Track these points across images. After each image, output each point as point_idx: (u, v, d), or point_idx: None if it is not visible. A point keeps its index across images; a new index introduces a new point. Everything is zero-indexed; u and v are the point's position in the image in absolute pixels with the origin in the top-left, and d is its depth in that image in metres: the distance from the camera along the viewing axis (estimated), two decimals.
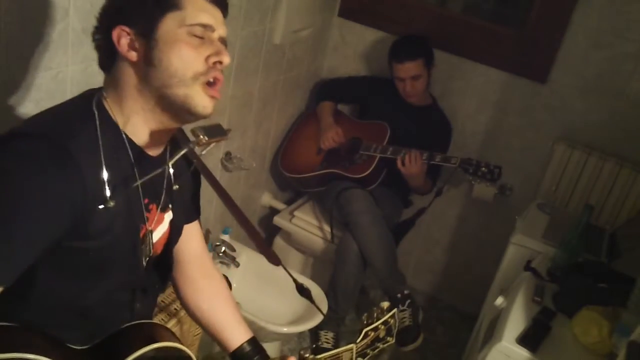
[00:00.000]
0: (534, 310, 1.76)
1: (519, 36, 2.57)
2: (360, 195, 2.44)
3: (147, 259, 1.15)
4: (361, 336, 1.27)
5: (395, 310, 1.33)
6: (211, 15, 1.05)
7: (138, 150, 1.07)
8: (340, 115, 2.77)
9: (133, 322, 1.19)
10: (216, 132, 1.11)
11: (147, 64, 1.01)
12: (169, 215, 1.20)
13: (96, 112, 1.01)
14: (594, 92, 2.47)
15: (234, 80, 2.27)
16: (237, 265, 2.28)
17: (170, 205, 1.20)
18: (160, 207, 1.15)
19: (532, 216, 2.37)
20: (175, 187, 1.19)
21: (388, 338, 1.35)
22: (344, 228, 2.48)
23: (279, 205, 2.88)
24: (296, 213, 2.71)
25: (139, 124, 1.06)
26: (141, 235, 1.12)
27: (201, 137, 1.06)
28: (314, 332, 2.52)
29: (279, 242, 2.79)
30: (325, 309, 2.22)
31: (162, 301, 1.81)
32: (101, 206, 0.99)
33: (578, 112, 2.52)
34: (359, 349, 1.29)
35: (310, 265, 2.83)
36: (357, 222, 2.39)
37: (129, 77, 1.04)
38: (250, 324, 2.07)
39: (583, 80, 2.47)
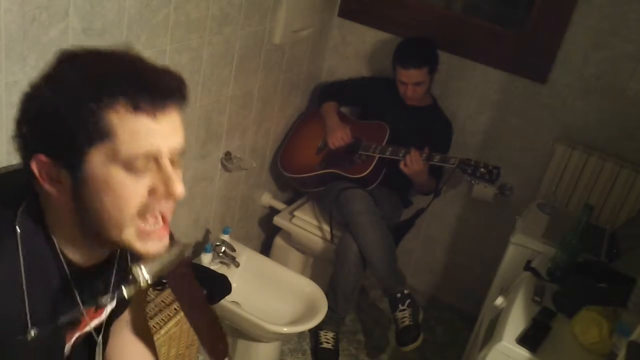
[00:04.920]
0: (534, 310, 1.75)
1: (519, 36, 2.57)
2: (360, 196, 2.44)
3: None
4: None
5: None
6: (156, 135, 0.80)
7: (75, 268, 0.90)
8: (340, 115, 2.77)
9: None
10: (169, 260, 0.89)
11: (76, 203, 0.82)
12: (111, 305, 1.05)
13: (19, 230, 0.84)
14: (594, 92, 2.47)
15: (234, 80, 2.27)
16: (237, 265, 2.28)
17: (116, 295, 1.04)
18: (100, 305, 1.00)
19: (532, 216, 2.37)
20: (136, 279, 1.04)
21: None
22: (344, 228, 2.48)
23: (279, 205, 2.88)
24: (296, 213, 2.71)
25: (77, 247, 0.89)
26: (70, 341, 0.99)
27: (140, 282, 0.85)
28: (314, 332, 2.52)
29: (279, 242, 2.79)
30: (325, 308, 2.22)
31: (162, 301, 1.81)
32: (20, 337, 0.84)
33: (578, 112, 2.52)
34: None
35: (310, 265, 2.83)
36: (356, 222, 2.39)
37: (60, 204, 0.85)
38: (250, 324, 2.08)
39: (583, 80, 2.47)
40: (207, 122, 2.22)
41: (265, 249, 2.96)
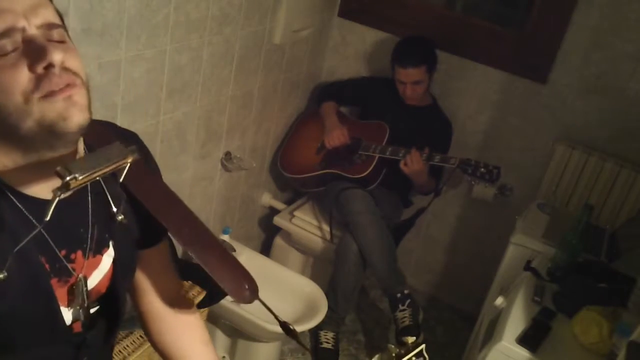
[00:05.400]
0: (534, 310, 1.76)
1: (519, 36, 2.57)
2: (360, 196, 2.44)
3: (83, 311, 0.95)
4: None
5: (423, 346, 1.11)
6: (8, 12, 0.76)
7: (29, 200, 0.84)
8: (339, 115, 2.77)
9: None
10: (104, 157, 0.78)
11: None
12: (109, 255, 0.97)
13: None
14: (594, 92, 2.47)
15: (234, 80, 2.27)
16: None
17: (111, 243, 0.97)
18: (89, 251, 0.93)
19: (532, 216, 2.37)
20: (120, 217, 0.95)
21: None
22: (344, 228, 2.48)
23: (279, 205, 2.88)
24: (296, 213, 2.71)
25: (15, 169, 0.82)
26: (64, 291, 0.91)
27: (68, 178, 0.73)
28: (314, 332, 2.52)
29: (279, 242, 2.79)
30: (325, 308, 2.22)
31: None
32: None
33: (578, 112, 2.52)
34: None
35: (310, 265, 2.83)
36: (356, 222, 2.39)
37: None
38: (250, 324, 2.08)
39: (583, 80, 2.47)
40: (207, 122, 2.22)
41: (265, 249, 2.96)
